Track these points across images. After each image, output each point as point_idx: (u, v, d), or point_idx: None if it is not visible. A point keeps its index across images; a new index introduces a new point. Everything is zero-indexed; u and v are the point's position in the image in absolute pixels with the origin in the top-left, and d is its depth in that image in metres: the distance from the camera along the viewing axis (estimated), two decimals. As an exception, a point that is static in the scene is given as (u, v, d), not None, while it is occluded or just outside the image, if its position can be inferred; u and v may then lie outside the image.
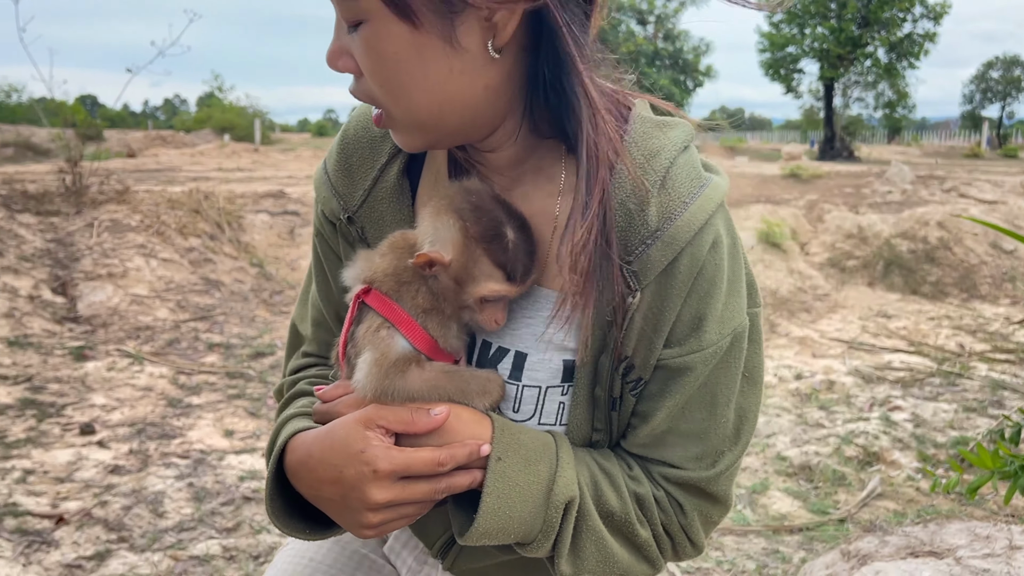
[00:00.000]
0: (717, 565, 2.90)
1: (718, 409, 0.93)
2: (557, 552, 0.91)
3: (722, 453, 0.95)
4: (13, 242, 5.45)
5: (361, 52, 0.84)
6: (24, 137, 26.71)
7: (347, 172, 1.02)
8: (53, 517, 3.15)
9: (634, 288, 0.87)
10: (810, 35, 29.48)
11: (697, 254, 0.87)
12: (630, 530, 0.93)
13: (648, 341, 0.90)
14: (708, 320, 0.89)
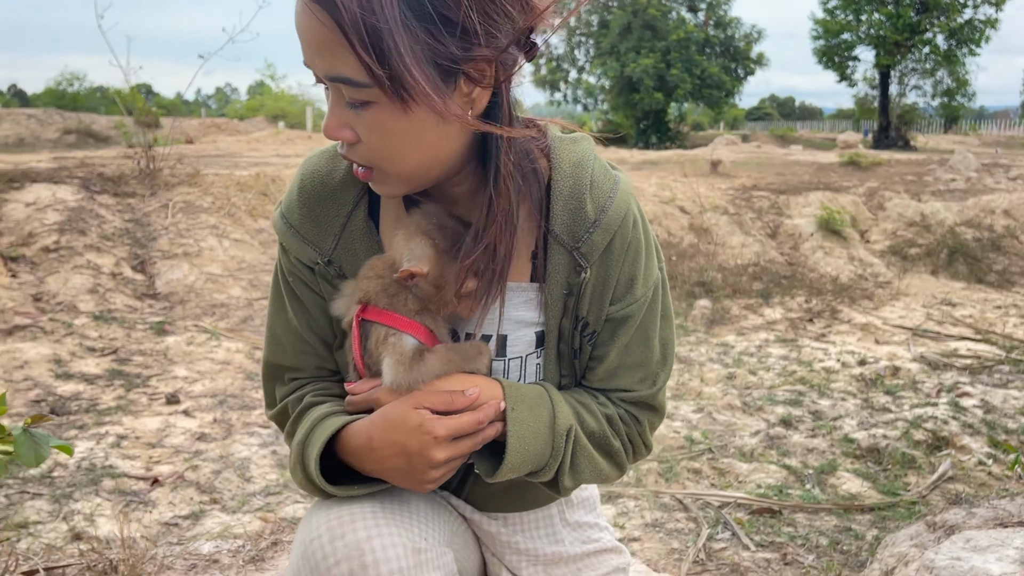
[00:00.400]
0: (790, 540, 2.94)
1: (650, 343, 1.25)
2: (560, 471, 1.18)
3: (657, 375, 1.27)
4: (95, 221, 5.66)
5: (366, 128, 1.04)
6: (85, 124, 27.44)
7: (315, 222, 1.20)
8: (148, 479, 3.31)
9: (584, 266, 1.16)
10: (866, 21, 28.87)
11: (625, 233, 1.18)
12: (607, 443, 1.23)
13: (599, 303, 1.19)
14: (637, 279, 1.20)
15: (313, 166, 1.22)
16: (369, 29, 0.95)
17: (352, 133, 1.05)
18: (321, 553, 1.08)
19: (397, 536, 1.09)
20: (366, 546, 1.07)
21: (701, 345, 5.57)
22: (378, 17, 0.95)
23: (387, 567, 1.06)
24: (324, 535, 1.09)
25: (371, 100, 1.01)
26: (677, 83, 29.74)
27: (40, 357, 4.34)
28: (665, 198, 8.10)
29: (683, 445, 3.81)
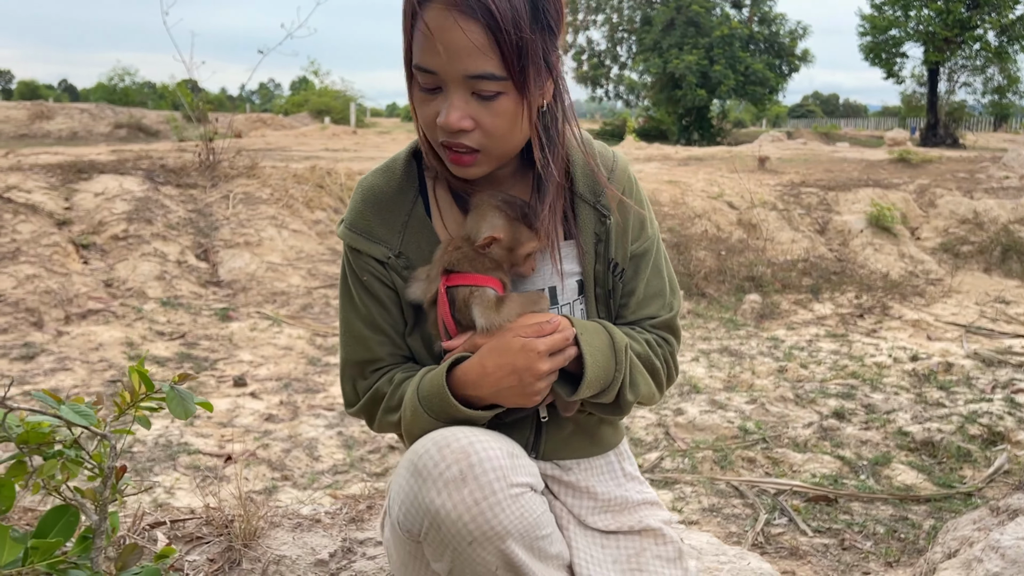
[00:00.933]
0: (847, 527, 2.99)
1: (663, 275, 1.53)
2: (623, 387, 1.40)
3: (672, 302, 1.54)
4: (160, 211, 5.86)
5: (491, 116, 1.29)
6: (136, 119, 28.08)
7: (382, 223, 1.44)
8: (222, 456, 3.46)
9: (606, 215, 1.45)
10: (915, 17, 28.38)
11: (631, 186, 1.49)
12: (651, 363, 1.47)
13: (623, 243, 1.47)
14: (647, 220, 1.51)
15: (371, 182, 1.47)
16: (514, 34, 1.24)
17: (472, 122, 1.28)
18: (432, 461, 1.26)
19: (494, 442, 1.30)
20: (470, 449, 1.26)
21: (751, 339, 5.60)
22: (520, 25, 1.24)
23: (490, 464, 1.25)
24: (431, 448, 1.28)
25: (502, 91, 1.27)
26: (720, 79, 29.52)
27: (113, 340, 4.53)
28: (713, 193, 8.12)
29: (737, 435, 3.86)
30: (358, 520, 1.75)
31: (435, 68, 1.27)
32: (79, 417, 1.19)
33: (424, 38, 1.27)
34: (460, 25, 1.23)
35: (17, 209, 5.42)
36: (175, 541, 1.57)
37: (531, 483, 1.33)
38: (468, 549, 1.25)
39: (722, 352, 5.27)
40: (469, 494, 1.24)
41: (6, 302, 4.69)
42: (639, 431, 3.90)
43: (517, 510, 1.27)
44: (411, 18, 1.30)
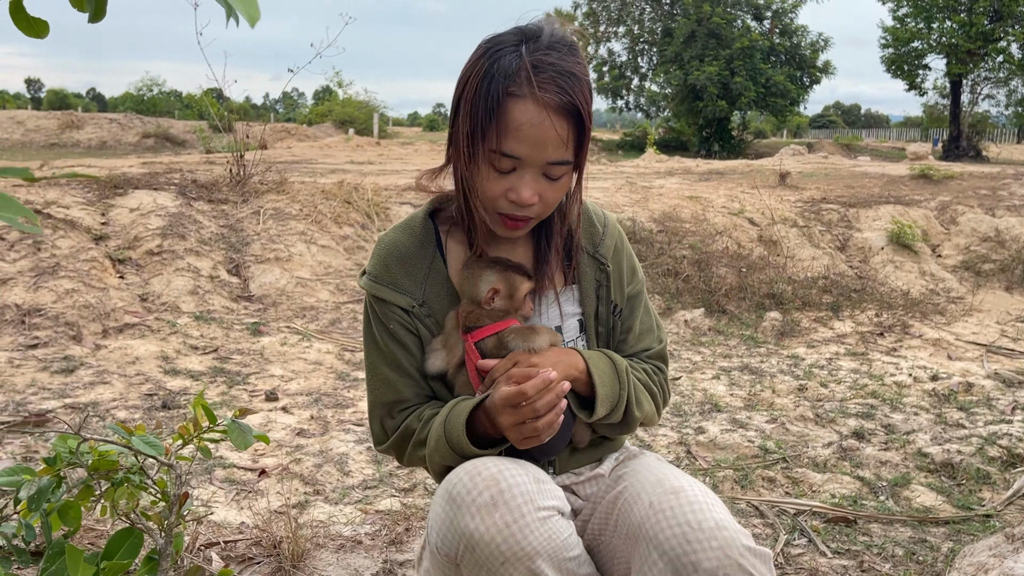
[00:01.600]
0: (866, 548, 3.05)
1: (651, 312, 1.79)
2: (630, 404, 1.59)
3: (660, 335, 1.79)
4: (193, 227, 6.01)
5: (553, 191, 1.52)
6: (163, 128, 28.56)
7: (406, 275, 1.61)
8: (256, 470, 3.57)
9: (605, 263, 1.69)
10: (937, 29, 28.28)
11: (622, 238, 1.76)
12: (650, 387, 1.68)
13: (620, 287, 1.71)
14: (636, 266, 1.78)
15: (394, 239, 1.66)
16: (588, 126, 1.49)
17: (538, 198, 1.50)
18: (465, 489, 1.40)
19: (521, 469, 1.44)
20: (499, 476, 1.40)
21: (772, 357, 5.66)
22: (590, 116, 1.50)
23: (519, 489, 1.39)
24: (464, 477, 1.42)
25: (565, 174, 1.52)
26: (741, 91, 29.53)
27: (149, 354, 4.67)
28: (734, 210, 8.18)
29: (757, 454, 3.93)
30: (397, 542, 1.85)
31: (521, 155, 1.45)
32: (149, 448, 1.30)
33: (514, 130, 1.44)
34: (554, 123, 1.43)
35: (56, 225, 5.59)
36: (228, 561, 1.68)
37: (558, 507, 1.45)
38: (501, 569, 1.37)
39: (743, 370, 5.34)
40: (500, 518, 1.36)
41: (47, 316, 4.84)
42: (660, 449, 3.98)
43: (545, 532, 1.39)
44: (495, 106, 1.45)
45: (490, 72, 1.46)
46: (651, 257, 6.90)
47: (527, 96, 1.42)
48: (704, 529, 1.39)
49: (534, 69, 1.43)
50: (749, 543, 1.40)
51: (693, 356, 5.65)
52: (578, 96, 1.45)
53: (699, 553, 1.37)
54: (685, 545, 1.38)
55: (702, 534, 1.38)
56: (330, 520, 3.14)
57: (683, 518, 1.41)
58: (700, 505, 1.42)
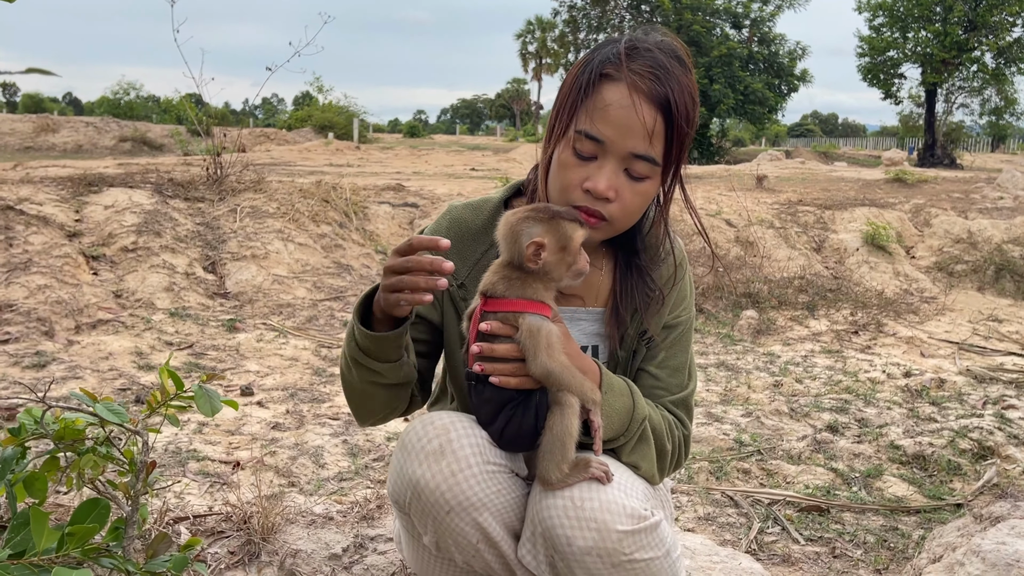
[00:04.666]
0: (839, 536, 3.08)
1: (687, 352, 1.68)
2: (625, 448, 1.49)
3: (689, 380, 1.67)
4: (169, 224, 5.97)
5: (633, 193, 1.44)
6: (140, 132, 28.32)
7: (458, 255, 1.55)
8: (230, 462, 3.54)
9: (655, 290, 1.60)
10: (913, 39, 28.65)
11: (683, 265, 1.66)
12: (662, 443, 1.55)
13: (661, 314, 1.62)
14: (687, 299, 1.68)
15: (460, 214, 1.63)
16: (683, 128, 1.43)
17: (615, 193, 1.43)
18: (416, 436, 1.40)
19: (472, 425, 1.41)
20: (451, 427, 1.39)
21: (748, 354, 5.70)
22: (688, 121, 1.43)
23: (468, 440, 1.38)
24: (418, 425, 1.42)
25: (649, 176, 1.44)
26: (720, 99, 29.80)
27: (123, 349, 4.63)
28: (711, 211, 8.24)
29: (732, 447, 3.95)
30: (369, 518, 1.85)
31: (604, 139, 1.40)
32: (112, 415, 1.29)
33: (601, 110, 1.40)
34: (642, 108, 1.38)
35: (29, 221, 5.53)
36: (197, 535, 1.67)
37: (509, 465, 1.43)
38: (446, 519, 1.36)
39: (719, 367, 5.37)
40: (447, 466, 1.35)
41: (18, 311, 4.79)
42: (637, 442, 3.99)
43: (493, 486, 1.39)
44: (587, 87, 1.42)
45: (591, 59, 1.46)
46: (629, 256, 6.93)
47: (620, 79, 1.40)
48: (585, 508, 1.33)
49: (631, 51, 1.42)
50: (624, 527, 1.33)
51: (670, 353, 5.68)
52: (673, 91, 1.40)
53: (574, 529, 1.33)
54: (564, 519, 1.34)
55: (583, 512, 1.33)
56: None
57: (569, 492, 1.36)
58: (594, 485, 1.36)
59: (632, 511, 1.35)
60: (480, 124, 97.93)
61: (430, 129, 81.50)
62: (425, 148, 24.66)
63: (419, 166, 13.96)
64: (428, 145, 28.10)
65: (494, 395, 1.36)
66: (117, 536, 1.34)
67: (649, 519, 1.36)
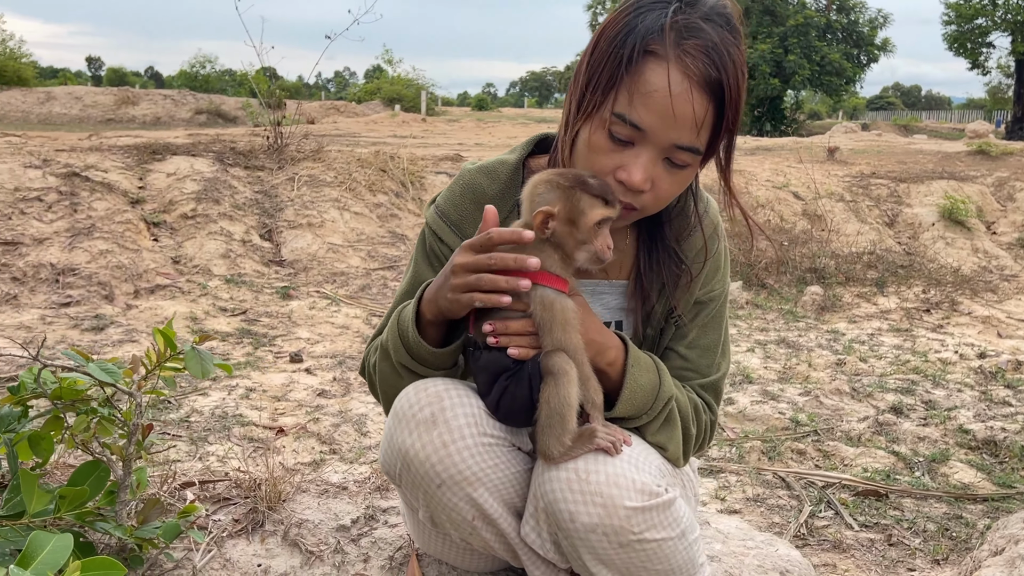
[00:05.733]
0: (896, 523, 2.92)
1: (721, 331, 1.52)
2: (651, 427, 1.38)
3: (720, 363, 1.52)
4: (227, 192, 6.03)
5: (671, 183, 1.30)
6: (215, 105, 28.92)
7: (474, 222, 1.39)
8: (274, 428, 3.56)
9: (685, 263, 1.45)
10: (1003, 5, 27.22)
11: (715, 236, 1.49)
12: (687, 426, 1.43)
13: (691, 290, 1.46)
14: (720, 271, 1.50)
15: (474, 178, 1.48)
16: (732, 117, 1.26)
17: (652, 184, 1.29)
18: (408, 403, 1.30)
19: (468, 394, 1.31)
20: (444, 394, 1.29)
21: (810, 331, 5.49)
22: (739, 107, 1.25)
23: (463, 410, 1.28)
24: (411, 391, 1.32)
25: (691, 164, 1.29)
26: (795, 69, 28.85)
27: (178, 314, 4.70)
28: (779, 183, 7.96)
29: (788, 426, 3.80)
30: (383, 489, 1.80)
31: (645, 127, 1.24)
32: (106, 375, 1.25)
33: (644, 95, 1.22)
34: (693, 97, 1.21)
35: (94, 187, 5.65)
36: (204, 502, 1.64)
37: (509, 438, 1.33)
38: (438, 492, 1.28)
39: (779, 343, 5.18)
40: (438, 436, 1.26)
41: (80, 275, 4.90)
42: (687, 419, 3.87)
43: (490, 459, 1.29)
44: (628, 62, 1.23)
45: (632, 25, 1.24)
46: (689, 229, 6.74)
47: (670, 59, 1.21)
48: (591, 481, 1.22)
49: (685, 30, 1.22)
50: (633, 503, 1.22)
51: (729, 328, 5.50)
52: (729, 76, 1.22)
53: (577, 504, 1.23)
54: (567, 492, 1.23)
55: (587, 485, 1.23)
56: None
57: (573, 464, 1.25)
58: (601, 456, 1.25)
59: (643, 486, 1.24)
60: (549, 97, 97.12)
61: (498, 102, 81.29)
62: (491, 120, 24.56)
63: (482, 137, 13.89)
64: (494, 118, 28.00)
65: (489, 363, 1.27)
66: (111, 499, 1.31)
67: (662, 496, 1.25)
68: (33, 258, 4.93)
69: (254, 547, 1.46)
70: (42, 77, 43.46)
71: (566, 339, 1.23)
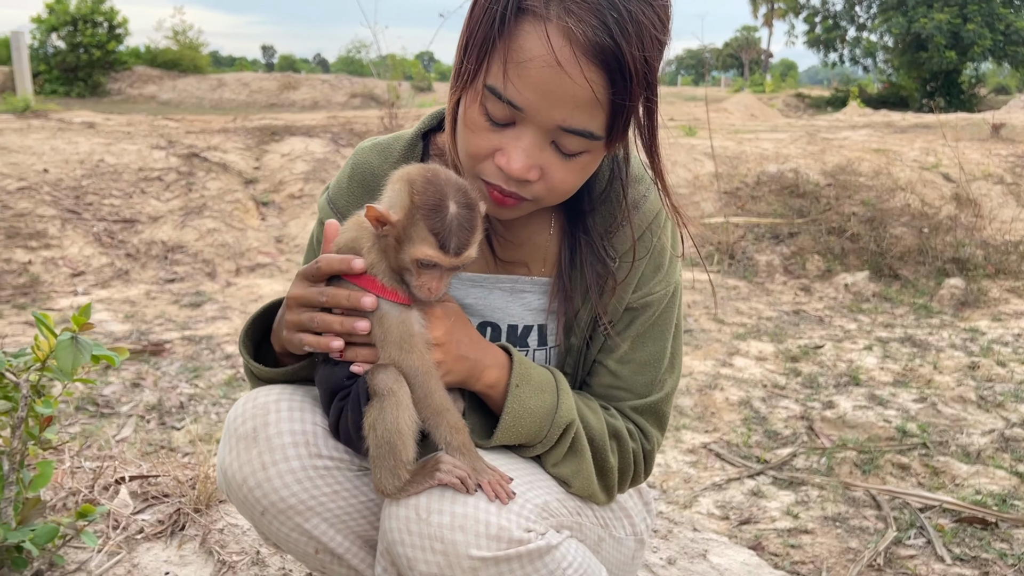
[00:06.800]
0: (999, 557, 2.52)
1: (665, 342, 1.26)
2: (550, 458, 1.17)
3: (665, 380, 1.26)
4: (335, 172, 6.11)
5: (564, 171, 1.06)
6: (368, 88, 29.90)
7: (360, 206, 1.13)
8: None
9: (613, 258, 1.21)
10: None
11: (655, 227, 1.24)
12: (603, 456, 1.19)
13: (624, 292, 1.22)
14: (662, 270, 1.25)
15: (365, 158, 1.27)
16: (639, 93, 1.00)
17: (538, 173, 1.06)
18: (234, 415, 1.13)
19: (306, 407, 1.12)
20: (272, 407, 1.11)
21: (943, 329, 4.92)
22: (648, 82, 1.01)
23: (290, 427, 1.10)
24: (242, 400, 1.15)
25: (588, 150, 1.06)
26: (974, 40, 26.41)
27: (272, 292, 4.78)
28: (927, 164, 7.22)
29: (892, 436, 3.39)
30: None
31: (523, 106, 1.00)
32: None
33: (518, 65, 0.97)
34: (582, 71, 0.95)
35: (210, 167, 5.86)
36: (136, 498, 1.57)
37: (356, 460, 1.14)
38: (263, 520, 1.11)
39: (903, 341, 4.67)
40: (257, 455, 1.09)
41: (187, 252, 5.09)
42: (777, 423, 3.53)
43: (325, 486, 1.11)
44: (501, 24, 0.98)
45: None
46: (814, 212, 6.23)
47: (549, 20, 0.95)
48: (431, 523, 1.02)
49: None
50: (482, 552, 1.00)
51: (847, 324, 5.02)
52: (627, 42, 0.95)
53: (415, 549, 1.02)
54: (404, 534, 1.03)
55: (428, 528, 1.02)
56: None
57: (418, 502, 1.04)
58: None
59: (499, 531, 1.01)
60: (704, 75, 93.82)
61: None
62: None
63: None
64: (642, 97, 27.31)
65: (324, 379, 1.10)
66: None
67: (529, 543, 1.02)
68: (147, 235, 5.16)
69: (168, 552, 1.37)
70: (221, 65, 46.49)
71: (404, 359, 1.03)
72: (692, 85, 70.18)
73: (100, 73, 27.68)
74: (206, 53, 35.75)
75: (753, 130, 10.09)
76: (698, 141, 7.75)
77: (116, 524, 1.44)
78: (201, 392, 3.57)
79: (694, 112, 15.58)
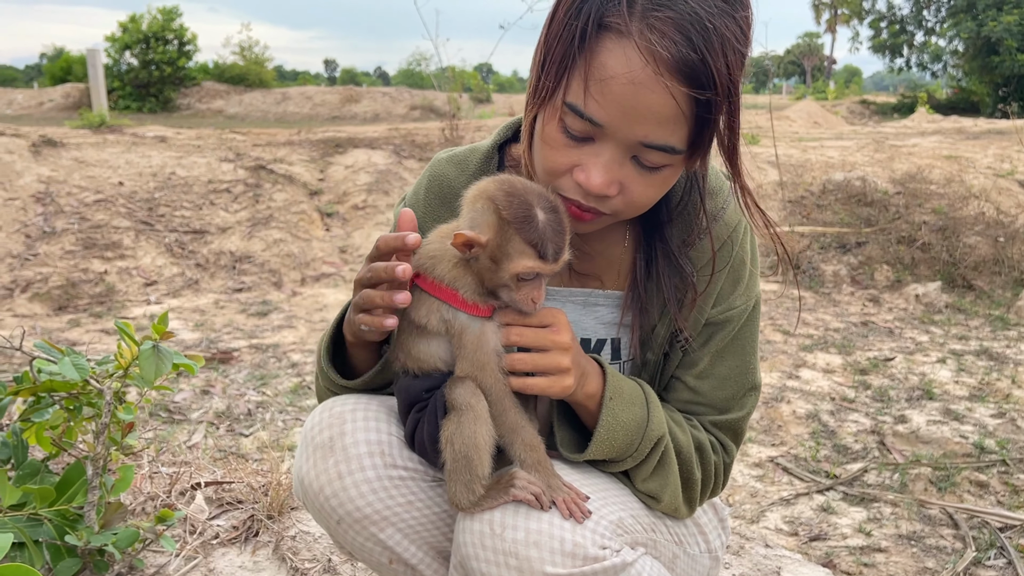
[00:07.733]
0: (1088, 581, 2.40)
1: (745, 358, 1.23)
2: (639, 473, 1.15)
3: (746, 397, 1.24)
4: (397, 183, 6.19)
5: (644, 185, 1.05)
6: (428, 100, 30.28)
7: (435, 220, 1.21)
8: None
9: (691, 273, 1.19)
10: None
11: (735, 238, 1.22)
12: (688, 468, 1.18)
13: (703, 307, 1.20)
14: (742, 282, 1.23)
15: (441, 169, 1.27)
16: (722, 105, 0.98)
17: (618, 188, 1.05)
18: (312, 424, 1.14)
19: (382, 417, 1.14)
20: (348, 416, 1.12)
21: (1022, 341, 4.74)
22: (731, 93, 0.98)
23: (366, 436, 1.11)
24: (318, 409, 1.17)
25: (669, 164, 1.04)
26: (1049, 42, 25.49)
27: (336, 302, 4.86)
28: (1001, 170, 6.99)
29: (970, 452, 3.28)
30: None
31: (605, 123, 0.98)
32: (75, 371, 1.21)
33: (600, 83, 0.96)
34: (667, 87, 0.94)
35: (277, 179, 5.99)
36: (211, 503, 1.60)
37: (431, 472, 1.14)
38: (338, 529, 1.11)
39: (979, 354, 4.52)
40: (334, 464, 1.09)
41: (254, 263, 5.20)
42: (846, 436, 3.44)
43: (400, 496, 1.11)
44: (581, 40, 0.97)
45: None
46: (882, 221, 6.07)
47: (632, 35, 0.93)
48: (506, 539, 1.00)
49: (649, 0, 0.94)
50: (557, 569, 0.98)
51: (919, 336, 4.87)
52: (713, 55, 0.93)
53: (490, 564, 1.01)
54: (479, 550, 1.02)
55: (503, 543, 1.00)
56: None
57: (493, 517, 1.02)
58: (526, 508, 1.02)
59: (574, 548, 0.99)
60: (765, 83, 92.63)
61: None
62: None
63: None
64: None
65: (402, 389, 1.10)
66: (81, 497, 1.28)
67: (604, 560, 1.00)
68: (216, 246, 5.29)
69: (243, 558, 1.39)
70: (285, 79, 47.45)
71: (479, 376, 1.03)
72: (753, 93, 69.25)
73: (170, 88, 28.62)
74: (271, 68, 36.62)
75: (817, 138, 9.91)
76: (761, 149, 7.63)
77: (192, 529, 1.47)
78: (268, 400, 3.64)
79: (756, 120, 15.36)
